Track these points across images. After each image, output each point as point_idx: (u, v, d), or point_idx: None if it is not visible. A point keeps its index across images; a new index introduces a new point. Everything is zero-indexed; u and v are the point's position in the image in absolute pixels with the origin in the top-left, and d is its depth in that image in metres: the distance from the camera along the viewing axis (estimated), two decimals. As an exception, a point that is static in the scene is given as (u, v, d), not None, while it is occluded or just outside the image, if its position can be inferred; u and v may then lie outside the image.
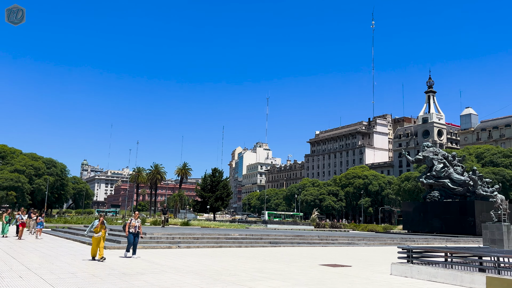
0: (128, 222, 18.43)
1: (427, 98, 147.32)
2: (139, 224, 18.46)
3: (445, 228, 47.43)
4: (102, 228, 17.18)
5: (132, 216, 19.61)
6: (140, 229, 18.60)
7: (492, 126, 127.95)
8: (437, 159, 52.20)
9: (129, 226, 18.15)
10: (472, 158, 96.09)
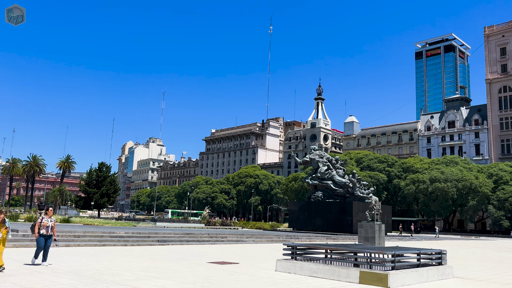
0: (39, 221, 15.16)
1: (316, 104, 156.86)
2: (53, 224, 15.33)
3: (327, 226, 50.89)
4: (1, 228, 13.91)
5: (44, 214, 15.82)
6: (54, 230, 15.46)
7: (371, 134, 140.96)
8: (322, 162, 55.83)
9: (40, 226, 14.98)
10: (353, 162, 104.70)
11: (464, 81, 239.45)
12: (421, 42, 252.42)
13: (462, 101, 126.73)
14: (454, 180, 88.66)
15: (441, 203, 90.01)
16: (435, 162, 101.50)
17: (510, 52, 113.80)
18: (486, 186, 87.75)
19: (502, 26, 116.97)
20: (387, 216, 54.58)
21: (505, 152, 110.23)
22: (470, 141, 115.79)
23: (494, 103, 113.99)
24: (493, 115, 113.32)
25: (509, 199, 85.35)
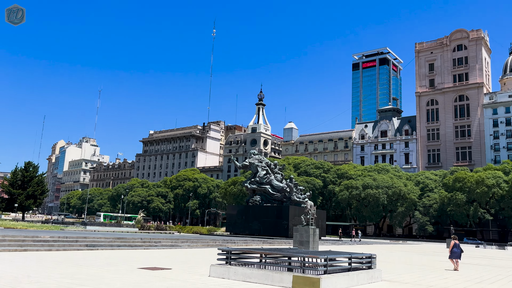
0: None
1: (257, 109, 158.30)
2: None
3: (263, 230, 51.15)
4: None
5: None
6: None
7: (309, 141, 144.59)
8: (261, 166, 56.19)
9: None
10: (291, 168, 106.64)
11: (396, 93, 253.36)
12: (358, 54, 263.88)
13: (394, 112, 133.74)
14: (385, 187, 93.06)
15: (372, 209, 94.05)
16: (368, 169, 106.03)
17: (438, 68, 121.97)
18: (413, 193, 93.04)
19: (431, 43, 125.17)
20: (322, 220, 55.95)
21: (431, 161, 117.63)
22: (400, 150, 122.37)
23: (422, 115, 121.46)
24: (421, 126, 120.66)
25: (434, 205, 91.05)
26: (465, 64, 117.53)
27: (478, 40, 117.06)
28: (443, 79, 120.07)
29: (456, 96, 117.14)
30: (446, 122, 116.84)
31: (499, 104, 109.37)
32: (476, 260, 34.18)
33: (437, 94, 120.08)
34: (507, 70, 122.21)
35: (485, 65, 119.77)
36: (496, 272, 23.85)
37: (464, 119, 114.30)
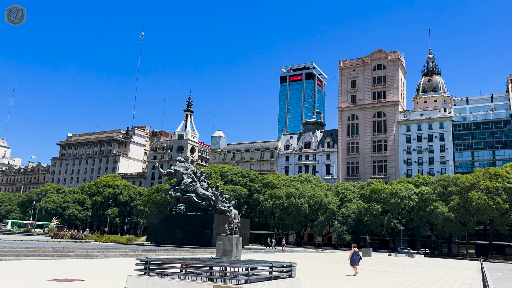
0: None
1: (185, 116, 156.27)
2: None
3: (187, 239, 50.14)
4: None
5: None
6: None
7: (236, 149, 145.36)
8: (187, 174, 55.24)
9: None
10: (217, 176, 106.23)
11: (320, 107, 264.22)
12: (286, 67, 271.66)
13: (317, 125, 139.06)
14: (307, 196, 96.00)
15: (294, 218, 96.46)
16: (291, 179, 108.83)
17: (359, 85, 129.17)
18: (333, 203, 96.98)
19: (353, 61, 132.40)
20: (246, 229, 56.17)
21: (350, 173, 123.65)
22: (323, 161, 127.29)
23: (343, 128, 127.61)
24: (342, 140, 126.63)
25: (352, 215, 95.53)
26: (383, 82, 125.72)
27: (396, 61, 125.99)
28: (364, 96, 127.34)
29: (374, 112, 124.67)
30: (365, 136, 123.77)
31: (412, 122, 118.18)
32: (385, 268, 36.23)
33: (358, 110, 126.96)
34: (420, 90, 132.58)
35: (401, 84, 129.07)
36: (397, 277, 25.39)
37: (381, 134, 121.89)
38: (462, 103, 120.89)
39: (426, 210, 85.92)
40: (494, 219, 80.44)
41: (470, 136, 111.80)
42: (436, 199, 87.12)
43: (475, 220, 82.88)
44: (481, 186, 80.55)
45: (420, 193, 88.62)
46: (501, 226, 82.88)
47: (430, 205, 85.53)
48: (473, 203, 78.71)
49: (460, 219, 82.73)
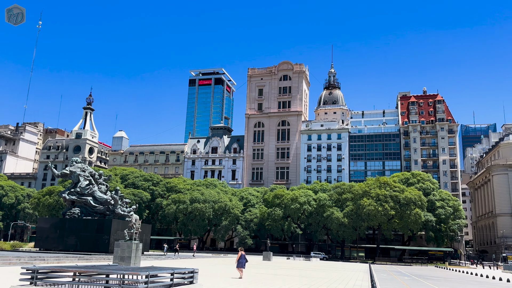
0: None
1: (84, 114, 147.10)
2: None
3: (81, 246, 46.82)
4: None
5: None
6: None
7: (139, 151, 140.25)
8: (84, 176, 51.74)
9: None
10: (117, 179, 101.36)
11: (229, 113, 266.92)
12: (195, 71, 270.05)
13: (225, 130, 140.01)
14: (211, 201, 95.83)
15: (198, 223, 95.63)
16: (197, 183, 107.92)
17: (266, 94, 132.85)
18: (237, 208, 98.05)
19: (261, 70, 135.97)
20: (146, 234, 54.20)
21: (254, 179, 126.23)
22: (229, 166, 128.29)
23: (250, 135, 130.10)
24: (248, 146, 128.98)
25: (254, 220, 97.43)
26: (289, 93, 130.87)
27: (300, 73, 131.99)
28: (270, 104, 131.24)
29: (280, 121, 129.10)
30: (270, 143, 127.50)
31: (313, 132, 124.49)
32: (285, 271, 37.39)
33: (264, 118, 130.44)
34: (321, 102, 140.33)
35: (305, 96, 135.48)
36: (295, 281, 26.37)
37: (285, 142, 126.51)
38: (358, 116, 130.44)
39: (323, 216, 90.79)
40: (382, 224, 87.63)
41: (364, 147, 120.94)
42: (332, 205, 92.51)
43: (366, 225, 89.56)
44: (372, 194, 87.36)
45: (318, 199, 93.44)
46: (387, 231, 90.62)
47: (327, 211, 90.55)
48: (365, 209, 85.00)
49: (353, 224, 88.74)
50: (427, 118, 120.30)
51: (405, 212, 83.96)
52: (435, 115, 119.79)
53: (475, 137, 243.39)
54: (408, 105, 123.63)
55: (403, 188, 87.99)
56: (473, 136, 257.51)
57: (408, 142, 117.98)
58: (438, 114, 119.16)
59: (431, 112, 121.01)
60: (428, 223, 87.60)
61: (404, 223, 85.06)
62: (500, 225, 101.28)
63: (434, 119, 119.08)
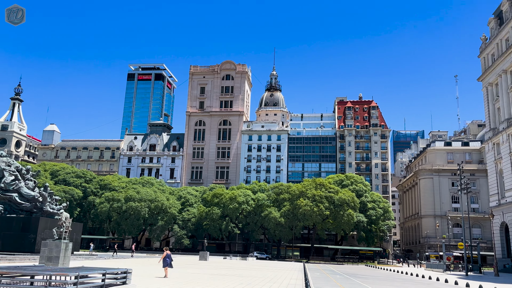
0: None
1: (12, 104, 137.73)
2: None
3: (4, 245, 43.61)
4: None
5: None
6: None
7: (72, 147, 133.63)
8: (9, 171, 48.33)
9: None
10: (47, 175, 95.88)
11: (169, 110, 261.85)
12: (135, 65, 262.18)
13: (164, 127, 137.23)
14: (148, 200, 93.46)
15: (133, 222, 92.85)
16: (133, 181, 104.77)
17: (208, 92, 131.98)
18: (175, 207, 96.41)
19: (204, 68, 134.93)
20: (77, 234, 51.68)
21: (194, 178, 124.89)
22: (167, 165, 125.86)
23: (190, 133, 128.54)
24: (188, 144, 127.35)
25: (192, 219, 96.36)
26: (231, 92, 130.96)
27: (243, 74, 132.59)
28: (212, 103, 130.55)
29: (221, 120, 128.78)
30: (211, 142, 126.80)
31: (254, 132, 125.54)
32: (221, 271, 37.31)
33: (205, 116, 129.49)
34: (263, 104, 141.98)
35: (246, 96, 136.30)
36: (232, 280, 26.43)
37: (226, 142, 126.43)
38: (297, 119, 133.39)
39: (261, 215, 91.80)
40: (317, 224, 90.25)
41: (302, 149, 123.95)
42: (270, 205, 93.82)
43: (302, 225, 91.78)
44: (308, 194, 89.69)
45: (256, 199, 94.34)
46: (322, 231, 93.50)
47: (265, 210, 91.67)
48: (301, 210, 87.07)
49: (289, 224, 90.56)
50: (362, 123, 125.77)
51: (339, 213, 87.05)
52: (369, 121, 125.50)
53: (405, 143, 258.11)
54: (344, 110, 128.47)
55: (338, 190, 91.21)
56: (403, 142, 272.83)
57: (344, 146, 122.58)
58: (372, 119, 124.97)
59: (365, 117, 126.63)
60: (360, 223, 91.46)
61: (337, 223, 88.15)
62: (425, 226, 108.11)
63: (368, 124, 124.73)
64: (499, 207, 65.50)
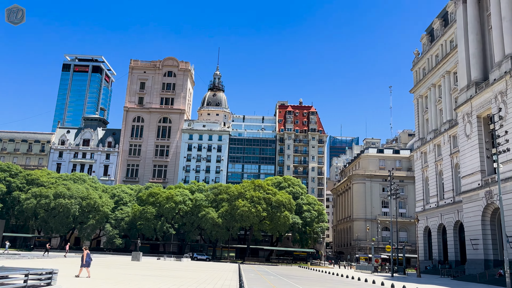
0: None
1: None
2: None
3: None
4: None
5: None
6: None
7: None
8: None
9: None
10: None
11: (106, 104, 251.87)
12: (71, 55, 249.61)
13: (100, 122, 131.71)
14: (79, 197, 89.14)
15: (61, 220, 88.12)
16: (63, 177, 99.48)
17: (148, 88, 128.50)
18: (107, 205, 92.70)
19: (145, 63, 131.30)
20: (-1, 231, 48.04)
21: (129, 176, 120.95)
22: (101, 161, 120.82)
23: (128, 129, 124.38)
24: (125, 141, 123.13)
25: (126, 218, 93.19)
26: (172, 90, 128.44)
27: (186, 71, 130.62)
28: (152, 99, 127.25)
29: (161, 118, 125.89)
30: (149, 140, 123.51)
31: (195, 131, 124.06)
32: (153, 272, 36.39)
33: (145, 113, 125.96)
34: (205, 103, 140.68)
35: (189, 94, 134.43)
36: (163, 281, 25.86)
37: (165, 140, 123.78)
38: (239, 120, 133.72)
39: (198, 216, 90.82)
40: (253, 225, 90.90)
41: (242, 150, 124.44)
42: (208, 205, 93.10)
43: (239, 226, 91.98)
44: (247, 196, 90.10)
45: (194, 199, 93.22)
46: (258, 232, 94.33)
47: (202, 211, 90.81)
48: (239, 210, 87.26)
49: (226, 224, 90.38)
50: (301, 128, 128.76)
51: (276, 214, 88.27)
52: (308, 125, 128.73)
53: (341, 148, 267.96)
54: (285, 114, 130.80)
55: (275, 192, 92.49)
56: (339, 147, 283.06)
57: (283, 149, 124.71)
58: (311, 124, 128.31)
59: (305, 122, 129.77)
60: (295, 225, 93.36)
61: (274, 225, 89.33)
62: (356, 229, 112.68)
63: (307, 129, 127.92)
64: (423, 212, 69.77)
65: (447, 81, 65.48)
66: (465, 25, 55.44)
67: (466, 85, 54.11)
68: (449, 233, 60.94)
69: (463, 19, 55.95)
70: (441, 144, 65.59)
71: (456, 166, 60.54)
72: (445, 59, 65.48)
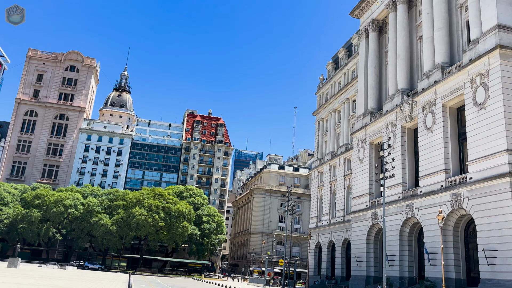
0: None
1: None
2: None
3: None
4: None
5: None
6: None
7: None
8: None
9: None
10: None
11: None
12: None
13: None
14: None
15: None
16: None
17: (46, 81, 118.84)
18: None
19: (46, 54, 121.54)
20: None
21: (14, 174, 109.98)
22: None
23: (18, 123, 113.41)
24: (13, 135, 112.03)
25: (5, 220, 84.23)
26: (73, 85, 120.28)
27: (91, 68, 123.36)
28: (49, 94, 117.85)
29: (57, 114, 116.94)
30: (41, 136, 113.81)
31: (94, 132, 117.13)
32: (31, 280, 33.23)
33: (39, 107, 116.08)
34: (108, 103, 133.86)
35: (91, 93, 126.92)
36: None
37: (60, 138, 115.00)
38: (144, 125, 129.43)
39: (90, 222, 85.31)
40: (149, 235, 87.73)
41: (145, 156, 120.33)
42: (102, 211, 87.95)
43: (133, 235, 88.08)
44: (145, 204, 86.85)
45: (87, 204, 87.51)
46: (153, 242, 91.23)
47: (95, 217, 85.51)
48: (135, 219, 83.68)
49: (120, 232, 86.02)
50: (209, 138, 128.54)
51: (174, 224, 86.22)
52: (215, 137, 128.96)
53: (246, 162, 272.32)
54: (193, 123, 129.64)
55: (176, 201, 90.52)
56: (244, 161, 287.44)
57: (188, 158, 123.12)
58: (218, 136, 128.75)
59: (212, 133, 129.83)
60: (193, 236, 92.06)
61: (171, 235, 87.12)
62: (253, 242, 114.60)
63: (214, 140, 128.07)
64: (316, 229, 73.25)
65: (347, 108, 70.16)
66: (366, 58, 60.07)
67: (362, 113, 58.39)
68: (338, 250, 64.60)
69: (365, 52, 60.61)
70: (336, 166, 69.76)
71: (348, 187, 64.68)
72: (346, 87, 70.20)
